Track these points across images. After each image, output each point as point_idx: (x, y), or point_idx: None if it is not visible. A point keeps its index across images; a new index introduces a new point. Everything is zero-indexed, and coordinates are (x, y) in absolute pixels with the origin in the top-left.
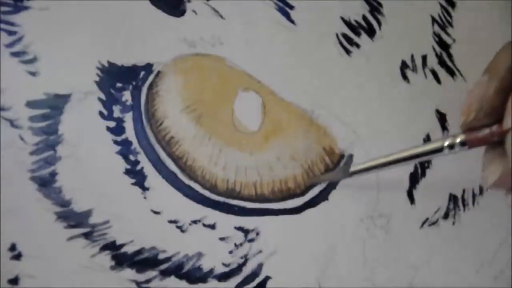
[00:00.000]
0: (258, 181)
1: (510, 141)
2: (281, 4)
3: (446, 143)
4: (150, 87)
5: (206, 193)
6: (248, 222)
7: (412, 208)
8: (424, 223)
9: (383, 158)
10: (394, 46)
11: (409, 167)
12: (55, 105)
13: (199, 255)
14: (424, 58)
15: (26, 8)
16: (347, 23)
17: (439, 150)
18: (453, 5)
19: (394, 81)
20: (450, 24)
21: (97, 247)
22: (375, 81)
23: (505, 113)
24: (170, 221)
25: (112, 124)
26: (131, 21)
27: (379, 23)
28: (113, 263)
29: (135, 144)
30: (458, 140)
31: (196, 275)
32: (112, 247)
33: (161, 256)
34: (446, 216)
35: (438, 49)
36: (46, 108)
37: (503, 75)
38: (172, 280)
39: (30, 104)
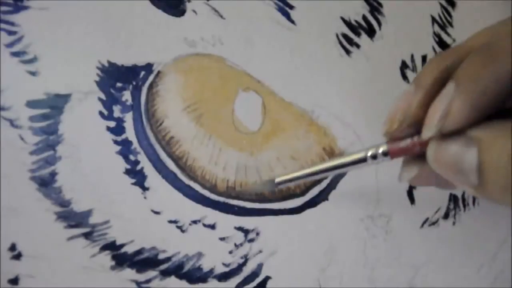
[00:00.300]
0: (258, 181)
1: (430, 153)
2: (281, 4)
3: (369, 154)
4: (150, 87)
5: (206, 193)
6: (248, 222)
7: (412, 208)
8: (424, 223)
9: (308, 169)
10: (394, 46)
11: None
12: (55, 105)
13: (199, 255)
14: (424, 58)
15: (26, 7)
16: (347, 23)
17: (363, 160)
18: (453, 5)
19: (394, 81)
20: (450, 24)
21: (97, 247)
22: (375, 81)
23: (424, 125)
24: (170, 221)
25: (112, 124)
26: (131, 21)
27: (379, 23)
28: (113, 263)
29: (135, 144)
30: (380, 150)
31: (196, 275)
32: (112, 247)
33: (161, 256)
34: (446, 216)
35: (438, 49)
36: (46, 108)
37: (428, 88)
38: (172, 280)
39: (30, 104)
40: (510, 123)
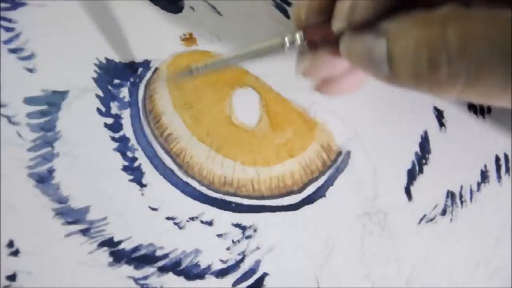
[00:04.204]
0: (256, 178)
1: (343, 46)
2: (278, 1)
3: (286, 38)
4: (148, 83)
5: (204, 189)
6: (245, 218)
7: (409, 204)
8: (421, 219)
9: (226, 55)
10: None
11: (406, 163)
12: (52, 101)
13: (197, 251)
14: None
15: (23, 4)
16: None
17: (281, 45)
18: None
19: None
20: None
21: (94, 244)
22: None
23: (333, 18)
24: (168, 218)
25: (109, 120)
26: (129, 18)
27: None
28: (111, 259)
29: (133, 141)
30: (297, 35)
31: (193, 271)
32: (109, 243)
33: (159, 253)
34: (443, 212)
35: None
36: (43, 105)
37: None
38: (170, 277)
39: (28, 101)
40: (417, 13)
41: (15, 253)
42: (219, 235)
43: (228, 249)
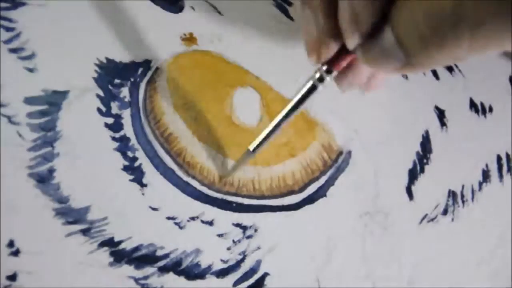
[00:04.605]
0: (256, 177)
1: (360, 56)
2: (279, 1)
3: (317, 76)
4: (148, 83)
5: (204, 189)
6: (246, 218)
7: (411, 204)
8: (423, 219)
9: (273, 122)
10: None
11: (407, 163)
12: (53, 101)
13: (197, 251)
14: None
15: (23, 4)
16: None
17: (314, 87)
18: None
19: (393, 78)
20: None
21: (95, 244)
22: None
23: (344, 39)
24: (168, 218)
25: (110, 120)
26: (129, 17)
27: None
28: (111, 259)
29: (133, 141)
30: (324, 68)
31: (194, 271)
32: (110, 243)
33: (159, 253)
34: (445, 212)
35: None
36: (44, 105)
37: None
38: (171, 277)
39: (28, 101)
40: None
41: (15, 253)
42: (220, 235)
43: (228, 249)
